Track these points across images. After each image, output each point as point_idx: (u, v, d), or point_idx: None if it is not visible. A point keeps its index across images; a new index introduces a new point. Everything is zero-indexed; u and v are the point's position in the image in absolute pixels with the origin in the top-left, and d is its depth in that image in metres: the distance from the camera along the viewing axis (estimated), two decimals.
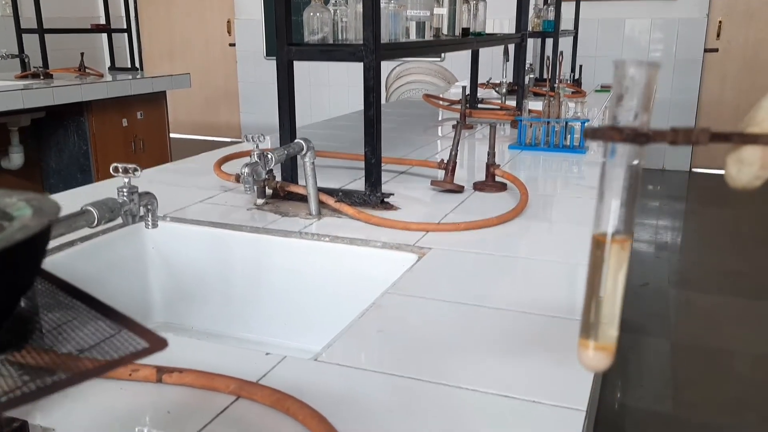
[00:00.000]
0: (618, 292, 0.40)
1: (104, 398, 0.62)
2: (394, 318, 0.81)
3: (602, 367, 0.41)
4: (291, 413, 0.58)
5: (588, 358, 0.41)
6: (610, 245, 0.39)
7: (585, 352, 0.41)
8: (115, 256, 1.13)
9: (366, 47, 1.17)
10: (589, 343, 0.41)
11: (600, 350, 0.41)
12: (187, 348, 0.74)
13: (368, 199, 1.25)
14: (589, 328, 0.40)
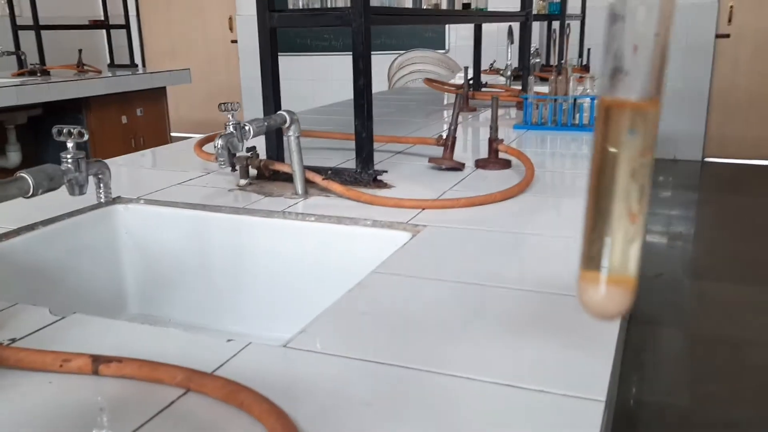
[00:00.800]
0: (643, 194, 0.26)
1: (29, 394, 0.52)
2: (381, 299, 0.71)
3: (618, 311, 0.29)
4: (245, 408, 0.48)
5: (597, 297, 0.27)
6: (632, 112, 0.25)
7: (592, 288, 0.28)
8: (82, 241, 1.03)
9: (354, 10, 1.07)
10: (599, 276, 0.27)
11: (615, 285, 0.27)
12: (139, 335, 0.64)
13: (360, 177, 1.15)
14: (598, 255, 0.27)
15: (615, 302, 0.26)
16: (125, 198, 1.10)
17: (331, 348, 0.60)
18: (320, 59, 6.27)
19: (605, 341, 0.58)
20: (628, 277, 0.27)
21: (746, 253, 3.68)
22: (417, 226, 0.94)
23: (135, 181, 1.24)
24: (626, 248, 0.27)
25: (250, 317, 1.05)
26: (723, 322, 2.89)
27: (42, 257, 0.96)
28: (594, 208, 0.27)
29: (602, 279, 0.26)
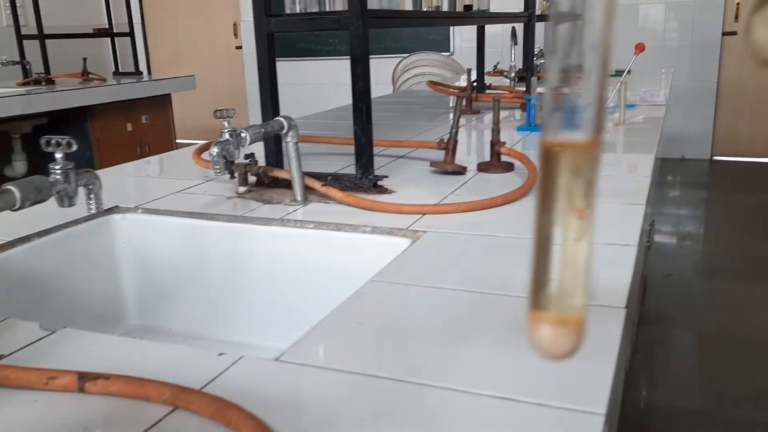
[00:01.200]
0: (582, 233, 0.25)
1: (13, 413, 0.51)
2: (378, 309, 0.69)
3: (565, 352, 0.27)
4: (233, 425, 0.46)
5: (542, 337, 0.26)
6: (569, 152, 0.24)
7: (538, 329, 0.26)
8: (79, 251, 1.02)
9: (351, 13, 1.06)
10: (544, 316, 0.26)
11: (560, 325, 0.26)
12: (130, 350, 0.62)
13: (360, 182, 1.13)
14: (542, 294, 0.26)
15: (562, 342, 0.25)
16: (123, 207, 1.09)
17: (325, 361, 0.58)
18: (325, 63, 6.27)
19: (607, 351, 0.57)
20: (574, 316, 0.25)
21: (756, 252, 3.64)
22: (417, 232, 0.93)
23: (133, 190, 1.23)
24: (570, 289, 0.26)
25: (249, 326, 1.03)
26: (734, 321, 2.85)
27: (38, 269, 0.95)
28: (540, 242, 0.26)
29: (547, 319, 0.25)
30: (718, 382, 2.39)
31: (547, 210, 0.25)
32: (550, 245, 0.25)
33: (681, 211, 4.47)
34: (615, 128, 1.77)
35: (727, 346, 2.65)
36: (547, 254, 0.26)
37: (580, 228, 0.25)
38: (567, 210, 0.25)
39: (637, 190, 1.09)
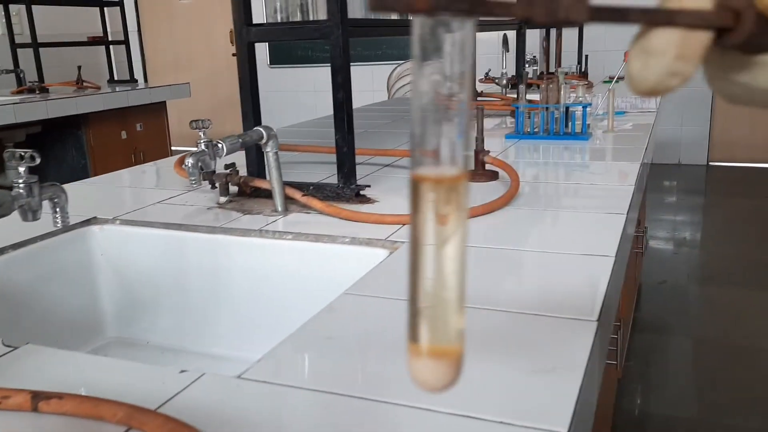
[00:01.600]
0: (451, 266, 0.25)
1: None
2: (348, 322, 0.68)
3: (442, 384, 0.26)
4: None
5: (419, 370, 0.26)
6: (435, 186, 0.24)
7: (414, 362, 0.26)
8: (56, 264, 1.01)
9: (331, 22, 1.05)
10: (421, 348, 0.26)
11: (436, 357, 0.26)
12: (92, 366, 0.61)
13: (341, 192, 1.12)
14: (418, 326, 0.26)
15: (438, 375, 0.25)
16: (101, 218, 1.08)
17: (288, 378, 0.57)
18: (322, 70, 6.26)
19: (574, 367, 0.55)
20: (450, 348, 0.25)
21: (753, 258, 3.62)
22: (395, 243, 0.92)
23: (113, 201, 1.22)
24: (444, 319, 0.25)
25: (228, 338, 1.02)
26: (730, 328, 2.83)
27: (13, 282, 0.94)
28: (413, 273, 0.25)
29: (423, 351, 0.25)
30: (714, 389, 2.38)
31: (418, 245, 0.24)
32: (420, 276, 0.25)
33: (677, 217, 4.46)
34: (603, 136, 1.77)
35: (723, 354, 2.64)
36: (417, 285, 0.25)
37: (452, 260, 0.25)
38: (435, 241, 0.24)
39: (619, 199, 1.08)
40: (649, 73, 0.26)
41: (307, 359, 0.61)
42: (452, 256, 0.25)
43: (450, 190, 0.25)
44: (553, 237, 0.95)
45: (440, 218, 0.25)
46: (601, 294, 0.70)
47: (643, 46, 0.26)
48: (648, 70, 0.26)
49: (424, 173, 0.24)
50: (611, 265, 0.79)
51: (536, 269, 0.83)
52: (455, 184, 0.24)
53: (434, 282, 0.25)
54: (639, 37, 0.26)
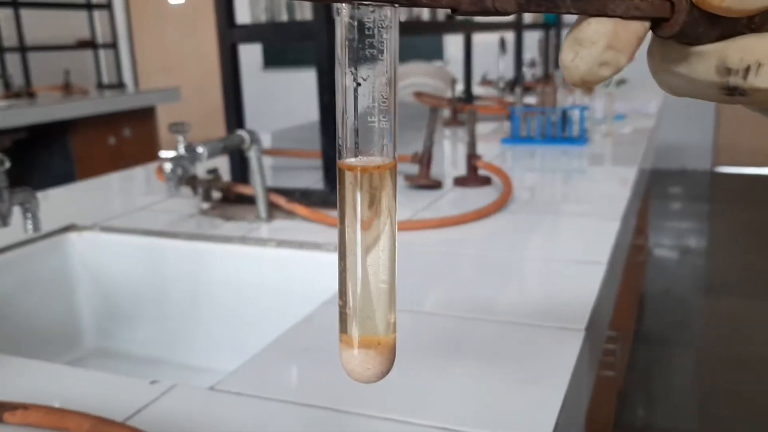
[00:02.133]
0: (379, 253, 0.25)
1: None
2: (326, 333, 0.65)
3: (372, 374, 0.26)
4: None
5: (350, 359, 0.26)
6: (358, 175, 0.24)
7: (344, 351, 0.26)
8: (33, 273, 0.98)
9: (317, 23, 1.02)
10: (351, 339, 0.26)
11: (363, 348, 0.25)
12: (59, 379, 0.58)
13: (328, 198, 1.09)
14: (347, 316, 0.26)
15: (369, 365, 0.26)
16: (80, 226, 1.05)
17: (262, 390, 0.54)
18: None
19: (558, 376, 0.53)
20: (378, 337, 0.25)
21: (758, 268, 3.55)
22: None
23: (93, 207, 1.18)
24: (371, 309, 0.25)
25: (209, 348, 0.99)
26: (735, 339, 2.77)
27: None
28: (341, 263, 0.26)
29: (354, 341, 0.25)
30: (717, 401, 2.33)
31: (343, 232, 0.25)
32: (346, 262, 0.25)
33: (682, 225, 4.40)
34: (601, 140, 1.74)
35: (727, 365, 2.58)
36: (345, 272, 0.25)
37: (370, 243, 0.25)
38: (370, 231, 0.25)
39: (615, 205, 1.05)
40: (580, 63, 0.25)
41: (282, 371, 0.58)
42: (385, 245, 0.25)
43: (376, 179, 0.24)
44: (545, 243, 0.92)
45: (368, 207, 0.25)
46: (591, 302, 0.67)
47: (576, 37, 0.25)
48: (579, 59, 0.25)
49: (350, 162, 0.24)
50: (602, 272, 0.76)
51: (525, 277, 0.80)
52: (382, 173, 0.24)
53: (363, 271, 0.25)
54: (573, 27, 0.26)
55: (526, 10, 0.23)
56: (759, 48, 0.25)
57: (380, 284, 0.25)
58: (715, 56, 0.26)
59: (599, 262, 0.79)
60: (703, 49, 0.26)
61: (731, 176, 5.43)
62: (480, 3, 0.23)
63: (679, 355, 2.67)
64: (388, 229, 0.25)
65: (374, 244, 0.25)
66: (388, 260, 0.25)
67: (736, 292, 3.28)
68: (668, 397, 2.37)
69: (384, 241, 0.25)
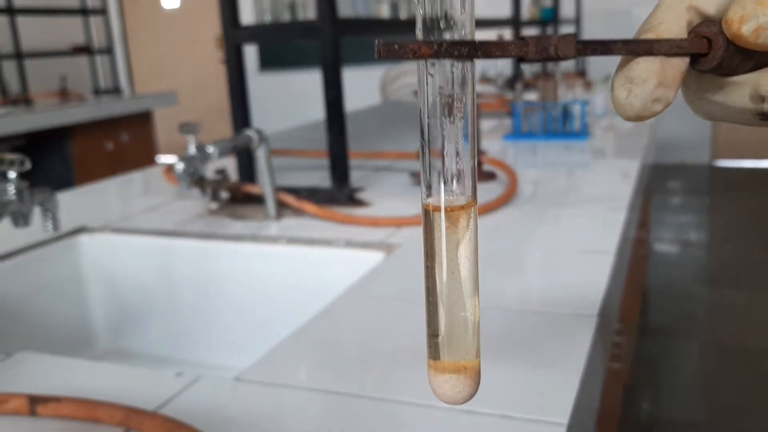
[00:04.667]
0: (464, 287, 0.26)
1: None
2: (346, 324, 0.66)
3: (462, 397, 0.27)
4: None
5: (438, 384, 0.27)
6: (445, 218, 0.26)
7: (434, 377, 0.27)
8: (46, 274, 0.99)
9: (321, 21, 1.03)
10: (438, 364, 0.27)
11: (453, 372, 0.27)
12: (87, 372, 0.59)
13: (335, 195, 1.10)
14: (434, 344, 0.27)
15: (457, 389, 0.27)
16: (91, 227, 1.06)
17: (285, 379, 0.55)
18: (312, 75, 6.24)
19: (574, 360, 0.54)
20: (466, 362, 0.27)
21: (760, 260, 3.57)
22: (391, 245, 0.90)
23: (103, 209, 1.19)
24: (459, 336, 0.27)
25: (221, 346, 1.00)
26: (738, 331, 2.79)
27: (3, 293, 0.92)
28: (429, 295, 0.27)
29: (442, 367, 0.27)
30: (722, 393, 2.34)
31: (432, 269, 0.26)
32: (438, 297, 0.26)
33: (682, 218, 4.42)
34: (604, 134, 1.76)
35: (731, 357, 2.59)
36: (435, 306, 0.27)
37: (463, 282, 0.26)
38: (452, 266, 0.26)
39: (619, 198, 1.06)
40: (634, 100, 0.27)
41: (303, 361, 0.59)
42: (468, 279, 0.26)
43: (459, 218, 0.26)
44: (553, 235, 0.94)
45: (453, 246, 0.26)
46: (602, 289, 0.69)
47: (627, 75, 0.27)
48: (633, 97, 0.27)
49: (434, 203, 0.25)
50: (611, 262, 0.77)
51: (537, 267, 0.81)
52: (466, 212, 0.26)
53: (449, 304, 0.26)
54: (621, 66, 0.28)
55: (583, 55, 0.25)
56: None
57: (466, 315, 0.26)
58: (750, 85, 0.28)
59: (607, 252, 0.80)
60: (738, 79, 0.28)
61: (730, 170, 5.45)
62: (545, 51, 0.25)
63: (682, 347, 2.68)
64: (470, 266, 0.26)
65: (458, 280, 0.26)
66: (471, 294, 0.26)
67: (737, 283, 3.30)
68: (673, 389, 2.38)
69: (467, 277, 0.26)
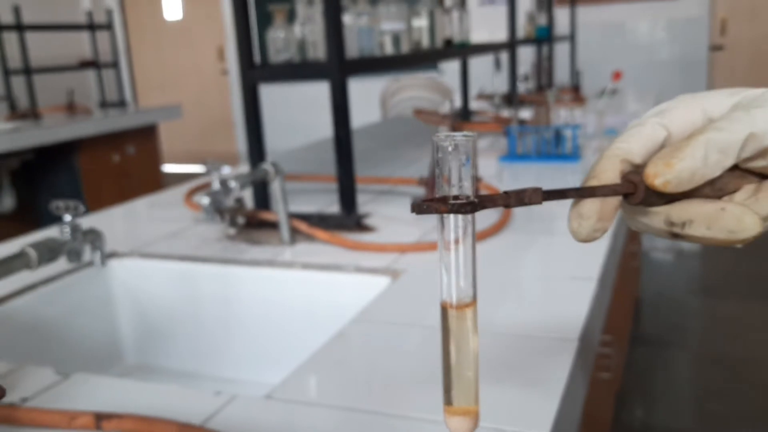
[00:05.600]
0: (468, 357, 0.38)
1: None
2: (358, 347, 0.76)
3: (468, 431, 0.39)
4: None
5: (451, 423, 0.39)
6: (455, 312, 0.37)
7: (448, 418, 0.39)
8: (80, 297, 1.08)
9: (330, 64, 1.13)
10: (451, 409, 0.39)
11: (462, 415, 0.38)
12: (136, 390, 0.69)
13: (344, 222, 1.20)
14: (448, 395, 0.39)
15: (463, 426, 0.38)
16: (120, 252, 1.15)
17: (312, 398, 0.65)
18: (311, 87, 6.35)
19: (556, 381, 0.64)
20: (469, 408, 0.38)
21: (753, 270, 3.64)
22: (397, 271, 0.99)
23: (128, 234, 1.29)
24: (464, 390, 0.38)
25: (241, 363, 1.09)
26: (730, 341, 2.85)
27: (43, 316, 1.01)
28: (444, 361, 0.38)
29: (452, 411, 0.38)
30: (713, 401, 2.41)
31: (447, 345, 0.38)
32: (450, 362, 0.38)
33: None
34: (594, 156, 1.85)
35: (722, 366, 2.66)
36: (449, 368, 0.38)
37: (470, 353, 0.38)
38: (460, 342, 0.37)
39: None
40: (582, 230, 0.39)
41: (325, 381, 0.69)
42: (471, 351, 0.38)
43: (462, 315, 0.37)
44: (541, 262, 1.03)
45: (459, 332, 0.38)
46: (583, 315, 0.78)
47: (578, 212, 0.39)
48: (581, 228, 0.39)
49: (449, 301, 0.37)
50: (593, 287, 0.87)
51: (525, 293, 0.91)
52: (471, 308, 0.37)
53: (458, 368, 0.38)
54: (573, 205, 0.40)
55: (548, 200, 0.36)
56: (690, 210, 0.38)
57: (470, 375, 0.38)
58: (664, 214, 0.39)
59: (590, 278, 0.90)
60: (656, 209, 0.39)
61: None
62: (520, 201, 0.35)
63: (675, 357, 2.77)
64: (473, 345, 0.38)
65: (466, 353, 0.38)
66: (473, 362, 0.38)
67: (730, 294, 3.38)
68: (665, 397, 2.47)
69: (470, 349, 0.38)
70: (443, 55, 1.85)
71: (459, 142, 0.34)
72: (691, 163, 0.37)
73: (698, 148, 0.37)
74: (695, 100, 0.42)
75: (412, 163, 1.87)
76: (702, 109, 0.41)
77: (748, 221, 0.38)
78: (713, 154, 0.37)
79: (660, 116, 0.41)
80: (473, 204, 0.35)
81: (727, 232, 0.38)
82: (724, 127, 0.38)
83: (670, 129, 0.40)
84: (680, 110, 0.41)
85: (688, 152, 0.37)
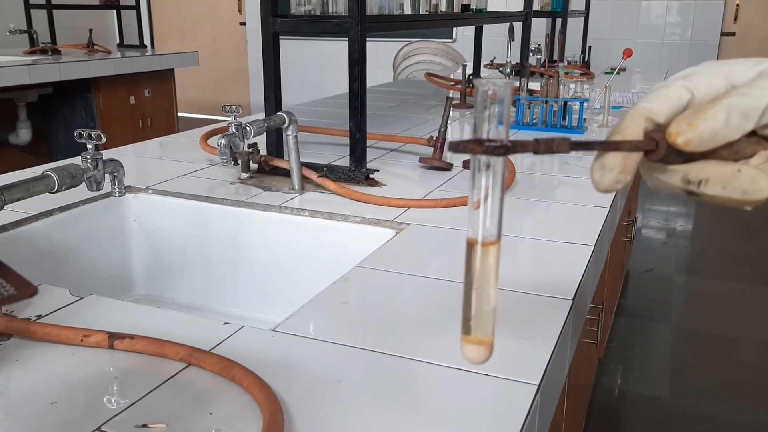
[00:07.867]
0: (489, 291, 0.41)
1: (54, 363, 0.62)
2: (361, 291, 0.80)
3: (482, 360, 0.43)
4: (236, 380, 0.57)
5: (467, 351, 0.43)
6: (480, 248, 0.41)
7: (465, 346, 0.42)
8: (95, 226, 1.13)
9: (351, 19, 1.16)
10: (468, 338, 0.42)
11: (477, 344, 0.42)
12: (148, 315, 0.73)
13: (353, 174, 1.24)
14: (467, 325, 0.42)
15: (478, 355, 0.42)
16: (135, 188, 1.19)
17: (315, 333, 0.69)
18: (328, 43, 6.34)
19: (548, 336, 0.68)
20: (486, 339, 0.42)
21: (737, 252, 3.76)
22: (401, 225, 1.03)
23: (144, 171, 1.33)
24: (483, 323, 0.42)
25: (246, 301, 1.14)
26: (709, 318, 2.98)
27: (59, 240, 1.06)
28: (465, 293, 0.42)
29: (469, 340, 0.42)
30: (688, 373, 2.53)
31: (470, 278, 0.42)
32: (471, 295, 0.41)
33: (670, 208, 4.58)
34: (598, 129, 1.88)
35: (699, 341, 2.79)
36: (469, 301, 0.42)
37: (490, 288, 0.42)
38: (482, 278, 0.41)
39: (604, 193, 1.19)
40: (604, 181, 0.42)
41: (328, 319, 0.73)
42: (491, 286, 0.42)
43: (487, 252, 0.41)
44: (542, 226, 1.07)
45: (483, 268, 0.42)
46: (578, 278, 0.82)
47: (601, 163, 0.42)
48: (603, 179, 0.42)
49: (473, 237, 0.41)
50: (590, 253, 0.91)
51: (525, 254, 0.95)
52: (496, 247, 0.41)
53: (478, 301, 0.42)
54: (597, 157, 0.43)
55: (575, 150, 0.39)
56: (707, 169, 0.41)
57: (488, 309, 0.42)
58: (682, 172, 0.42)
59: (587, 244, 0.94)
60: (674, 167, 0.42)
61: None
62: (549, 148, 0.38)
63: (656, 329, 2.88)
64: (493, 281, 0.41)
65: (486, 289, 0.42)
66: (492, 296, 0.41)
67: (715, 274, 3.48)
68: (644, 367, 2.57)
69: (490, 285, 0.42)
70: (460, 19, 1.87)
71: (498, 87, 0.37)
72: (713, 125, 0.39)
73: (721, 111, 0.40)
74: (720, 66, 0.44)
75: (421, 123, 1.90)
76: (726, 75, 0.43)
77: (763, 183, 0.41)
78: (735, 117, 0.40)
79: (685, 80, 0.43)
80: (506, 147, 0.37)
81: (742, 192, 0.41)
82: (747, 93, 0.40)
83: (694, 92, 0.43)
84: (705, 75, 0.43)
85: (711, 114, 0.40)
